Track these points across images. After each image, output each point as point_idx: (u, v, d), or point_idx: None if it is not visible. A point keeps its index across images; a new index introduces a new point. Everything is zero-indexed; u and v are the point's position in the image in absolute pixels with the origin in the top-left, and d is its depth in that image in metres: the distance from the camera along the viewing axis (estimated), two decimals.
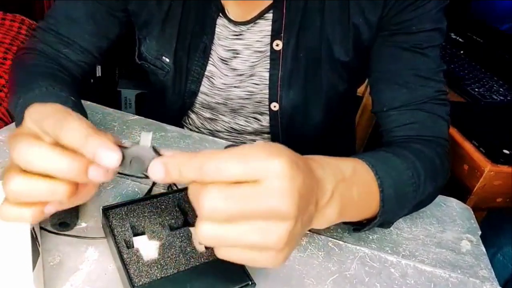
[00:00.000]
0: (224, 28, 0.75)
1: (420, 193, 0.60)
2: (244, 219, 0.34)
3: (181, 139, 0.78)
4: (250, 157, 0.34)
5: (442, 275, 0.61)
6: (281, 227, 0.34)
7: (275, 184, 0.34)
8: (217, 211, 0.33)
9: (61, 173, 0.36)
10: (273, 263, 0.36)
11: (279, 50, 0.74)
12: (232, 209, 0.33)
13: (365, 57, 0.75)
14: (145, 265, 0.50)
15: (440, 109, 0.70)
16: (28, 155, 0.36)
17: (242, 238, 0.34)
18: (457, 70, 1.43)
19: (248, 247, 0.35)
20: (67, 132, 0.36)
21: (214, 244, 0.36)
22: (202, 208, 0.33)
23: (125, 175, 0.67)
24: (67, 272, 0.51)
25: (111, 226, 0.54)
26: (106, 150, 0.35)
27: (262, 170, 0.34)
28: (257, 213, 0.33)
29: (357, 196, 0.49)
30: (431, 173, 0.62)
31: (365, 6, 0.69)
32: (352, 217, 0.53)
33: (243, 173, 0.34)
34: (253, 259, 0.36)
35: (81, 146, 0.36)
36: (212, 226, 0.34)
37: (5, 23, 1.32)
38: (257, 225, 0.34)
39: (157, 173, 0.36)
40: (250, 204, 0.33)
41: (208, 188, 0.34)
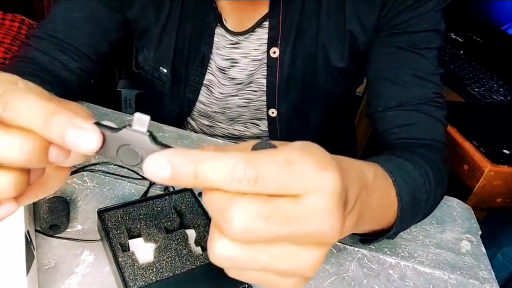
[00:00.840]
0: (222, 37, 0.75)
1: (431, 201, 0.59)
2: (278, 242, 0.27)
3: (179, 139, 0.78)
4: (297, 166, 0.26)
5: (442, 277, 0.61)
6: (317, 253, 0.28)
7: (322, 203, 0.26)
8: (253, 231, 0.25)
9: (8, 159, 0.25)
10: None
11: (276, 57, 0.74)
12: (271, 231, 0.25)
13: (361, 62, 0.75)
14: (141, 268, 0.49)
15: (437, 112, 0.69)
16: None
17: (270, 264, 0.27)
18: (457, 70, 1.43)
19: (274, 272, 0.28)
20: (18, 109, 0.25)
21: (230, 266, 0.28)
22: (231, 225, 0.25)
23: (117, 175, 0.67)
24: (63, 275, 0.51)
25: (107, 228, 0.53)
26: (79, 131, 0.25)
27: (308, 184, 0.26)
28: (296, 236, 0.26)
29: (376, 203, 0.45)
30: (439, 178, 0.61)
31: (361, 11, 0.68)
32: (365, 226, 0.48)
33: (286, 186, 0.26)
34: (272, 284, 0.29)
35: (40, 127, 0.25)
36: (235, 247, 0.26)
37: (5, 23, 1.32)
38: (292, 249, 0.27)
39: (159, 170, 0.25)
40: (292, 226, 0.26)
41: (243, 201, 0.25)
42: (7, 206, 0.28)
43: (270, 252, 0.27)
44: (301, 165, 0.26)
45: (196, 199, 0.60)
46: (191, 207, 0.59)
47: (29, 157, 0.25)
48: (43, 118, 0.25)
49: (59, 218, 0.55)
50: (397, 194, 0.51)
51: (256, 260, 0.27)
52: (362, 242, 0.58)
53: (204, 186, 0.26)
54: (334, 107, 0.84)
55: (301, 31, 0.72)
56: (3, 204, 0.27)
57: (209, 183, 0.25)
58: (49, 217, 0.55)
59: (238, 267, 0.28)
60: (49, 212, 0.55)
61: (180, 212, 0.58)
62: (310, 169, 0.26)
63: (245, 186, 0.25)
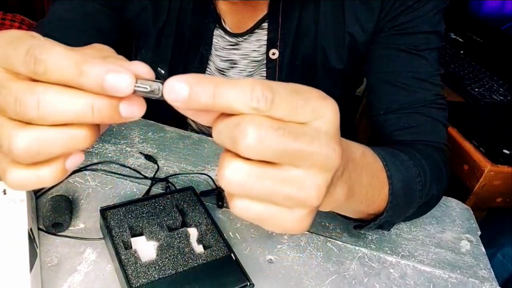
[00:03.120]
0: (221, 38, 0.75)
1: (426, 193, 0.59)
2: (285, 163, 0.28)
3: (179, 139, 0.78)
4: (304, 94, 0.28)
5: (442, 276, 0.61)
6: (321, 178, 0.29)
7: (327, 127, 0.28)
8: (265, 142, 0.26)
9: (83, 118, 0.27)
10: (299, 226, 0.30)
11: (276, 58, 0.74)
12: (281, 143, 0.27)
13: (360, 64, 0.75)
14: (143, 266, 0.49)
15: (439, 114, 0.69)
16: (28, 101, 0.26)
17: (276, 188, 0.28)
18: (457, 70, 1.43)
19: (279, 200, 0.29)
20: (48, 62, 0.25)
21: (239, 191, 0.28)
22: (246, 135, 0.26)
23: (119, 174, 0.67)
24: (65, 273, 0.51)
25: (109, 226, 0.54)
26: (115, 74, 0.26)
27: (315, 110, 0.28)
28: (302, 155, 0.27)
29: (366, 181, 0.46)
30: (436, 174, 0.62)
31: (361, 15, 0.69)
32: (358, 204, 0.49)
33: (297, 109, 0.27)
34: (278, 217, 0.29)
35: (75, 78, 0.26)
36: (246, 167, 0.27)
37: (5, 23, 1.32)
38: (296, 173, 0.28)
39: (178, 90, 0.26)
40: (299, 143, 0.27)
41: (257, 117, 0.26)
42: (77, 157, 0.29)
43: (276, 174, 0.28)
44: (307, 94, 0.28)
45: (198, 198, 0.61)
46: (193, 205, 0.59)
47: (102, 115, 0.27)
48: (76, 68, 0.26)
49: (62, 216, 0.55)
50: (388, 178, 0.51)
51: (263, 182, 0.28)
52: (355, 228, 0.58)
53: (221, 105, 0.27)
54: None
55: (300, 32, 0.72)
56: (74, 155, 0.29)
57: (227, 102, 0.26)
58: (52, 215, 0.55)
59: (245, 192, 0.28)
60: (52, 210, 0.56)
61: (182, 211, 0.58)
62: (315, 98, 0.28)
63: (262, 106, 0.26)
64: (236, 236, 0.61)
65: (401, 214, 0.58)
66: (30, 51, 0.26)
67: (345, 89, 0.81)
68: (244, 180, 0.27)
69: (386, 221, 0.55)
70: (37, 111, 0.26)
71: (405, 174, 0.54)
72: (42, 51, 0.26)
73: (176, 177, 0.69)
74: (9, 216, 0.50)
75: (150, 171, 0.69)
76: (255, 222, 0.30)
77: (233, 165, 0.27)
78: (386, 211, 0.53)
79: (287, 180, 0.28)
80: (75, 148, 0.28)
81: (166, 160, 0.72)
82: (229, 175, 0.28)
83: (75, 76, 0.26)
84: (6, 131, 0.27)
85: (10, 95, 0.26)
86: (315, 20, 0.71)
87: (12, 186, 0.29)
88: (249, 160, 0.27)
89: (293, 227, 0.30)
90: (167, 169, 0.71)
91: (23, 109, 0.26)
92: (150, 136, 0.78)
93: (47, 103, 0.26)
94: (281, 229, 0.31)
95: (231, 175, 0.27)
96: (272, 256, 0.59)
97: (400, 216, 0.60)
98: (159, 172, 0.69)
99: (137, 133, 0.78)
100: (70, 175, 0.65)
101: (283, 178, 0.28)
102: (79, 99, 0.26)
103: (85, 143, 0.28)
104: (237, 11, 0.72)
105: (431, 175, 0.59)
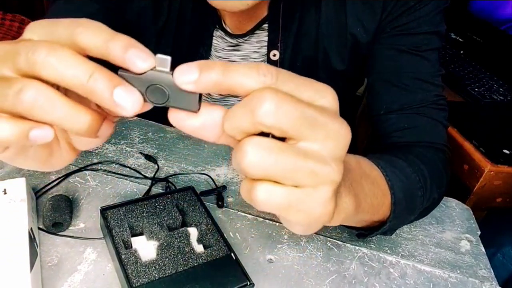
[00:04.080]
0: (221, 39, 0.75)
1: (427, 198, 0.59)
2: (301, 136, 0.28)
3: (180, 140, 0.78)
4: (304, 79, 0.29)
5: (442, 275, 0.61)
6: (338, 149, 0.29)
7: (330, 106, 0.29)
8: (283, 108, 0.26)
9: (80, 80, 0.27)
10: (326, 209, 0.30)
11: (276, 59, 0.74)
12: (297, 108, 0.27)
13: (362, 65, 0.75)
14: (143, 266, 0.49)
15: (439, 114, 0.69)
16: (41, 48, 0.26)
17: (300, 161, 0.27)
18: (457, 70, 1.43)
19: (303, 178, 0.28)
20: (86, 31, 0.27)
21: (262, 169, 0.27)
22: (264, 103, 0.26)
23: (119, 174, 0.67)
24: (65, 273, 0.51)
25: (109, 226, 0.54)
26: (138, 51, 0.28)
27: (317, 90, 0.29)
28: (317, 125, 0.28)
29: (368, 189, 0.46)
30: (436, 178, 0.62)
31: (363, 15, 0.68)
32: (364, 214, 0.48)
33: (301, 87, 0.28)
34: (303, 200, 0.29)
35: (105, 46, 0.27)
36: (267, 141, 0.27)
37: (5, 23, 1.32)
38: (314, 146, 0.28)
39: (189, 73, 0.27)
40: (313, 113, 0.27)
41: (272, 88, 0.27)
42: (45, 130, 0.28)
43: (297, 149, 0.28)
44: (308, 78, 0.29)
45: (198, 198, 0.61)
46: (193, 205, 0.59)
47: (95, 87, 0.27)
48: (109, 38, 0.27)
49: (62, 216, 0.56)
50: (390, 187, 0.51)
51: (286, 157, 0.27)
52: (358, 236, 0.58)
53: (231, 82, 0.27)
54: None
55: (301, 33, 0.72)
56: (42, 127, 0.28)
57: (237, 77, 0.27)
58: (52, 215, 0.55)
59: (269, 170, 0.27)
60: (52, 210, 0.56)
61: (182, 210, 0.58)
62: (315, 81, 0.29)
63: (270, 79, 0.27)
64: (236, 235, 0.61)
65: (403, 221, 0.58)
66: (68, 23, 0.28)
67: (345, 90, 0.81)
68: (267, 156, 0.27)
69: (389, 229, 0.55)
70: (44, 59, 0.26)
71: (405, 182, 0.54)
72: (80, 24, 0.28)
73: (176, 177, 0.69)
74: (9, 216, 0.50)
75: (150, 171, 0.69)
76: (280, 212, 0.29)
77: (254, 142, 0.27)
78: (390, 220, 0.53)
79: (308, 153, 0.28)
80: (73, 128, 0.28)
81: (166, 160, 0.73)
82: (251, 153, 0.27)
83: (104, 49, 0.27)
84: (17, 78, 0.27)
85: (26, 44, 0.27)
86: (316, 21, 0.71)
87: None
88: (268, 137, 0.27)
89: (321, 212, 0.29)
90: (167, 169, 0.71)
91: (33, 56, 0.26)
92: (150, 136, 0.78)
93: (56, 55, 0.26)
94: (309, 218, 0.30)
95: (253, 152, 0.27)
96: (272, 256, 0.59)
97: (403, 223, 0.60)
98: (159, 172, 0.70)
99: (137, 133, 0.78)
100: (70, 174, 0.65)
101: (304, 152, 0.28)
102: (84, 61, 0.27)
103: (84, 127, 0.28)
104: (237, 13, 0.72)
105: (431, 180, 0.59)
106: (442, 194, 0.66)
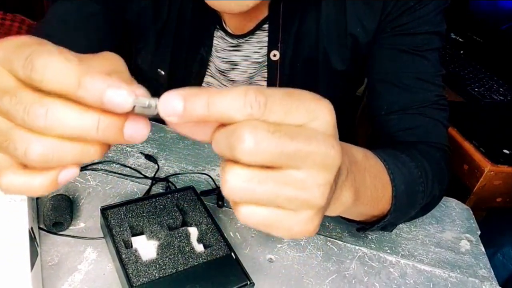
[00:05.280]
0: (222, 40, 0.75)
1: (428, 194, 0.59)
2: (284, 165, 0.28)
3: (180, 140, 0.78)
4: (297, 96, 0.28)
5: (442, 275, 0.61)
6: (324, 176, 0.29)
7: (323, 127, 0.29)
8: (262, 145, 0.26)
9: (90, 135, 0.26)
10: (306, 228, 0.30)
11: (277, 60, 0.74)
12: (278, 145, 0.26)
13: (362, 65, 0.75)
14: (144, 265, 0.50)
15: (440, 115, 0.68)
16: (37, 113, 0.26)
17: (278, 191, 0.28)
18: (457, 70, 1.43)
19: (283, 203, 0.28)
20: (46, 71, 0.25)
21: (242, 196, 0.28)
22: (243, 141, 0.26)
23: (119, 173, 0.67)
24: (66, 272, 0.51)
25: (110, 226, 0.54)
26: (116, 90, 0.25)
27: (310, 111, 0.28)
28: (301, 155, 0.27)
29: (370, 182, 0.46)
30: (438, 174, 0.62)
31: (363, 15, 0.68)
32: (364, 207, 0.48)
33: (291, 111, 0.28)
34: (284, 221, 0.29)
35: (73, 90, 0.25)
36: (247, 172, 0.27)
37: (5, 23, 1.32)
38: (298, 174, 0.28)
39: (173, 105, 0.26)
40: (296, 143, 0.27)
41: (253, 121, 0.26)
42: (72, 171, 0.29)
43: (277, 177, 0.28)
44: (300, 95, 0.28)
45: (198, 198, 0.61)
46: (193, 205, 0.59)
47: (106, 134, 0.27)
48: (75, 81, 0.25)
49: (63, 215, 0.56)
50: (391, 180, 0.51)
51: (265, 186, 0.27)
52: (358, 230, 0.58)
53: (216, 115, 0.27)
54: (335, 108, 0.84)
55: (302, 33, 0.72)
56: (69, 168, 0.29)
57: (222, 110, 0.26)
58: (53, 214, 0.55)
59: (249, 197, 0.28)
60: (52, 209, 0.56)
61: (183, 210, 0.58)
62: (309, 98, 0.29)
63: (256, 110, 0.26)
64: (237, 235, 0.61)
65: (404, 215, 0.59)
66: (29, 57, 0.26)
67: (345, 90, 0.81)
68: (246, 185, 0.27)
69: (389, 223, 0.55)
70: (44, 123, 0.26)
71: (407, 176, 0.54)
72: (41, 58, 0.25)
73: (176, 176, 0.69)
74: (9, 216, 0.50)
75: (151, 171, 0.69)
76: (262, 229, 0.30)
77: (234, 172, 0.27)
78: (390, 213, 0.53)
79: (288, 182, 0.28)
80: (86, 160, 0.28)
81: (167, 160, 0.73)
82: (230, 182, 0.27)
83: (73, 88, 0.25)
84: (20, 136, 0.27)
85: (19, 104, 0.26)
86: (317, 21, 0.70)
87: (2, 188, 0.29)
88: (249, 166, 0.27)
89: (301, 230, 0.30)
90: (167, 169, 0.71)
91: (31, 119, 0.26)
92: (151, 136, 0.78)
93: (54, 116, 0.26)
94: (289, 233, 0.30)
95: (232, 182, 0.27)
96: (272, 256, 0.59)
97: (403, 218, 0.60)
98: (159, 172, 0.70)
99: None
100: None
101: (284, 180, 0.28)
102: (85, 116, 0.26)
103: (96, 156, 0.28)
104: (237, 13, 0.72)
105: (432, 175, 0.59)
106: (443, 192, 0.66)
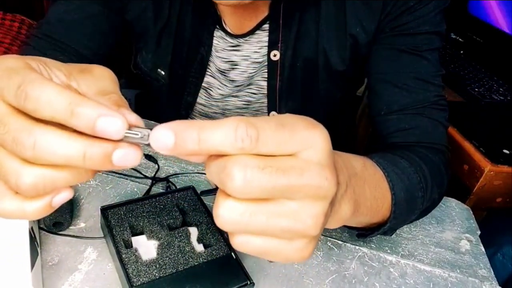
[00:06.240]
0: (222, 40, 0.75)
1: (427, 198, 0.59)
2: (278, 198, 0.28)
3: None
4: (290, 127, 0.28)
5: (442, 275, 0.61)
6: (316, 208, 0.29)
7: (316, 157, 0.28)
8: (252, 182, 0.26)
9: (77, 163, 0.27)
10: (301, 255, 0.30)
11: (277, 60, 0.74)
12: (269, 181, 0.27)
13: (362, 65, 0.75)
14: (144, 265, 0.50)
15: (440, 115, 0.68)
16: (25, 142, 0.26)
17: (271, 223, 0.28)
18: (457, 70, 1.43)
19: (277, 234, 0.29)
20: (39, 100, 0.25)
21: (235, 229, 0.29)
22: (233, 179, 0.26)
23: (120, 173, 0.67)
24: (66, 272, 0.51)
25: (110, 226, 0.54)
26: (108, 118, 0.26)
27: (302, 141, 0.28)
28: (294, 188, 0.28)
29: (369, 193, 0.46)
30: (437, 178, 0.62)
31: (363, 15, 0.68)
32: (363, 217, 0.49)
33: (283, 143, 0.28)
34: (279, 249, 0.30)
35: (66, 118, 0.26)
36: (239, 206, 0.28)
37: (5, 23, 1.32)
38: (291, 206, 0.28)
39: (164, 139, 0.26)
40: (288, 177, 0.27)
41: (243, 157, 0.27)
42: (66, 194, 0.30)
43: (270, 209, 0.28)
44: (293, 126, 0.28)
45: (198, 197, 0.61)
46: (193, 205, 0.59)
47: (93, 163, 0.27)
48: (68, 109, 0.25)
49: (63, 215, 0.56)
50: (391, 188, 0.51)
51: (258, 218, 0.28)
52: (358, 236, 0.58)
53: (207, 150, 0.27)
54: (335, 109, 0.84)
55: (302, 34, 0.72)
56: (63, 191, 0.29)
57: (213, 145, 0.27)
58: (53, 214, 0.55)
59: (242, 229, 0.28)
60: None
61: (183, 210, 0.58)
62: (302, 128, 0.28)
63: (247, 145, 0.26)
64: None
65: (404, 221, 0.58)
66: (22, 86, 0.26)
67: (345, 90, 0.81)
68: (239, 218, 0.28)
69: (389, 229, 0.55)
70: (33, 152, 0.26)
71: (406, 183, 0.54)
72: (34, 87, 0.26)
73: (176, 176, 0.69)
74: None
75: (151, 171, 0.69)
76: (258, 256, 0.30)
77: (226, 205, 0.28)
78: (390, 220, 0.53)
79: (282, 213, 0.28)
80: (78, 182, 0.29)
81: (167, 160, 0.73)
82: (223, 215, 0.28)
83: (66, 116, 0.26)
84: (11, 166, 0.27)
85: (8, 134, 0.26)
86: (316, 22, 0.70)
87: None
88: (241, 200, 0.28)
89: (295, 257, 0.30)
90: (167, 168, 0.71)
91: (20, 148, 0.26)
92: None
93: (42, 146, 0.26)
94: (284, 260, 0.31)
95: (225, 215, 0.28)
96: None
97: (403, 223, 0.60)
98: (159, 172, 0.70)
99: None
100: None
101: (278, 212, 0.28)
102: (72, 144, 0.26)
103: (88, 178, 0.29)
104: (237, 13, 0.72)
105: (431, 180, 0.59)
106: (442, 195, 0.66)
